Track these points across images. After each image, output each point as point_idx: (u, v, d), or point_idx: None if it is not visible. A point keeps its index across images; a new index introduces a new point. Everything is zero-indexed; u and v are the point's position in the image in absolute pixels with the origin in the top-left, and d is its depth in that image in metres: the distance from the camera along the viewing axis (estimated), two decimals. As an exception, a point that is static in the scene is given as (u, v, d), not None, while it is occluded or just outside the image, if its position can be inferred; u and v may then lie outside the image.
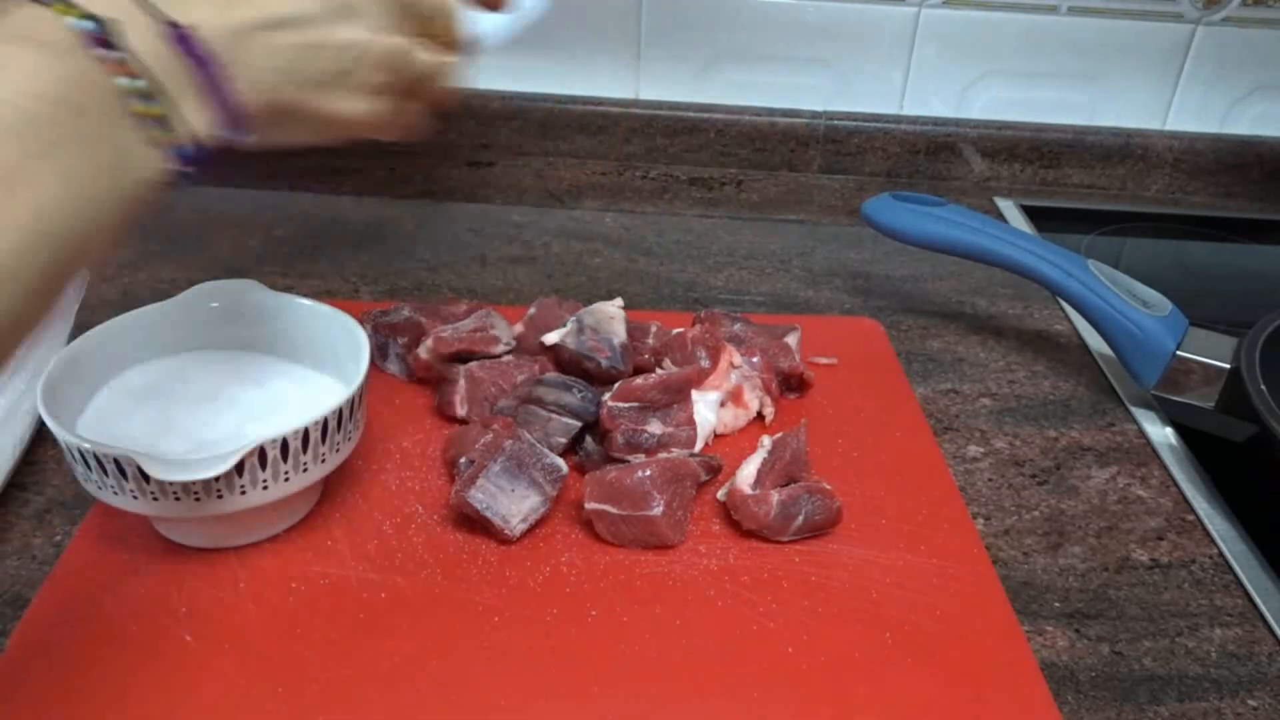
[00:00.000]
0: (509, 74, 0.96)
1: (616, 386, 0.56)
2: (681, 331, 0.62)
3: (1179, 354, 0.63)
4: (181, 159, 0.40)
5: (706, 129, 0.97)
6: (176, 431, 0.49)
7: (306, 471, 0.48)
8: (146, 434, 0.49)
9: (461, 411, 0.59)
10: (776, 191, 0.96)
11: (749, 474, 0.53)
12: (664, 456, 0.54)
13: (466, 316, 0.63)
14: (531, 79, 0.96)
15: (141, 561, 0.49)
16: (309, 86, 0.45)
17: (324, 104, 0.46)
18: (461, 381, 0.59)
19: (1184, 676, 0.48)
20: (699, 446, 0.58)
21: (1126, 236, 0.94)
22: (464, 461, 0.52)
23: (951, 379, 0.69)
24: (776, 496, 0.51)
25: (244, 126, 0.42)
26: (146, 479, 0.44)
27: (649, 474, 0.51)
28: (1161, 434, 0.65)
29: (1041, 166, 1.00)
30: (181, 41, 0.39)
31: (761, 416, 0.62)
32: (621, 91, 0.97)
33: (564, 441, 0.56)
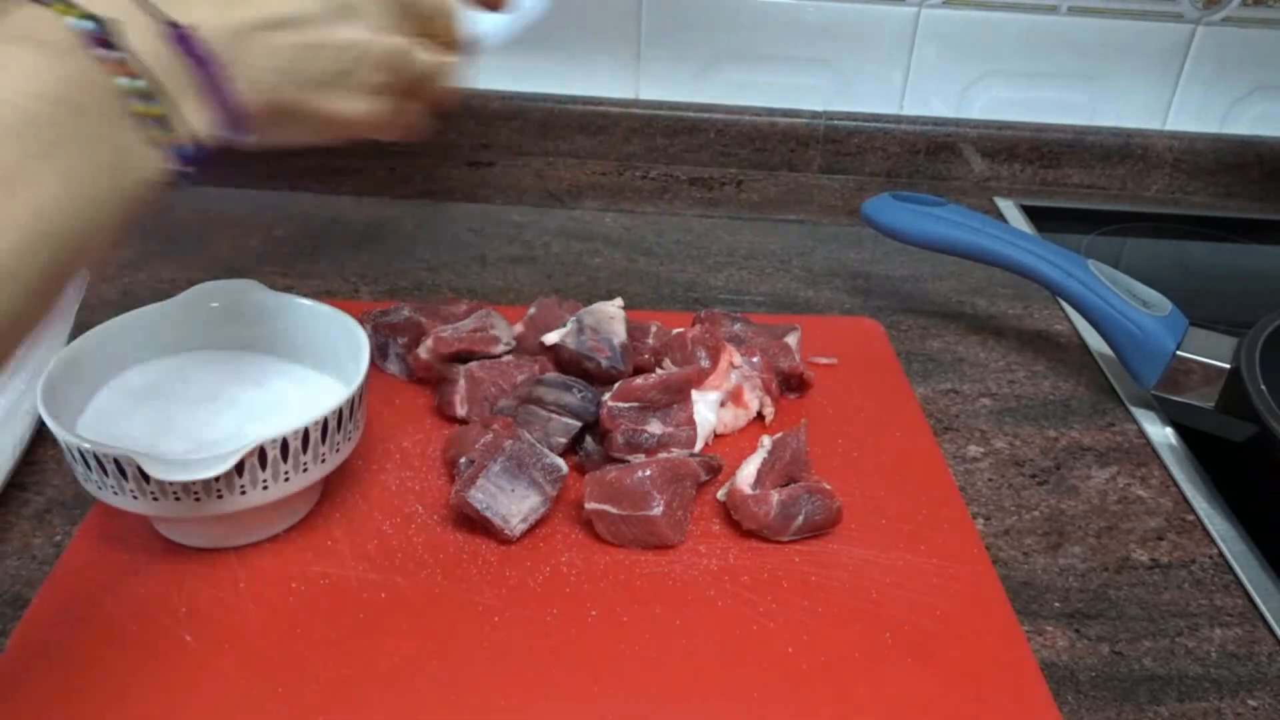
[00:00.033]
0: (509, 74, 0.96)
1: (616, 386, 0.56)
2: (681, 331, 0.62)
3: (1179, 354, 0.63)
4: (181, 159, 0.40)
5: (706, 129, 0.97)
6: (176, 431, 0.49)
7: (306, 471, 0.48)
8: (146, 434, 0.49)
9: (461, 411, 0.59)
10: (776, 191, 0.96)
11: (749, 474, 0.53)
12: (664, 456, 0.54)
13: (466, 316, 0.63)
14: (531, 79, 0.96)
15: (141, 561, 0.49)
16: (309, 86, 0.45)
17: (324, 104, 0.46)
18: (461, 381, 0.59)
19: (1184, 676, 0.48)
20: (699, 446, 0.58)
21: (1126, 236, 0.94)
22: (464, 461, 0.52)
23: (951, 379, 0.69)
24: (776, 496, 0.51)
25: (244, 126, 0.42)
26: (146, 479, 0.44)
27: (649, 474, 0.51)
28: (1161, 434, 0.65)
29: (1041, 166, 1.00)
30: (181, 41, 0.39)
31: (761, 416, 0.62)
32: (621, 91, 0.97)
33: (564, 441, 0.56)
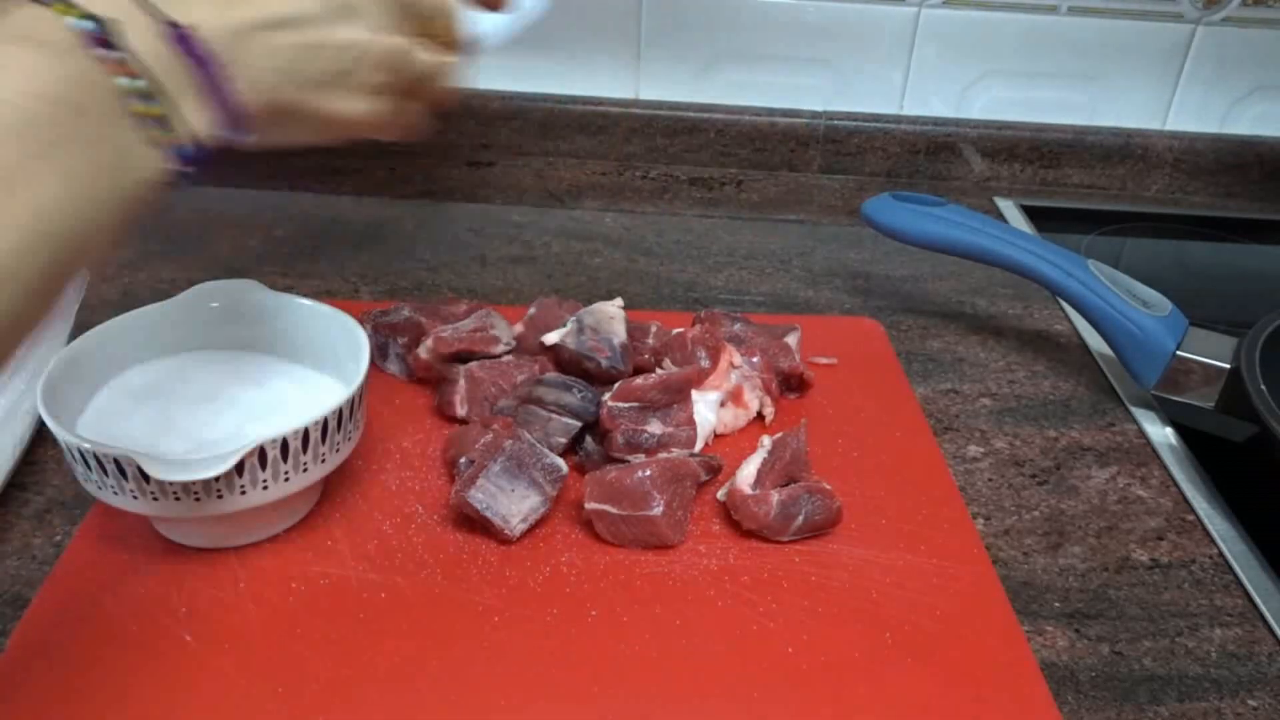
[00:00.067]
0: (509, 74, 0.96)
1: (616, 386, 0.56)
2: (681, 331, 0.62)
3: (1179, 354, 0.63)
4: (181, 159, 0.40)
5: (706, 129, 0.97)
6: (176, 431, 0.49)
7: (306, 471, 0.48)
8: (146, 434, 0.49)
9: (461, 411, 0.59)
10: (776, 191, 0.96)
11: (749, 474, 0.53)
12: (664, 456, 0.54)
13: (466, 316, 0.63)
14: (531, 79, 0.96)
15: (141, 561, 0.49)
16: (309, 86, 0.45)
17: (324, 104, 0.46)
18: (461, 381, 0.59)
19: (1184, 676, 0.48)
20: (699, 446, 0.58)
21: (1126, 236, 0.94)
22: (464, 461, 0.52)
23: (951, 379, 0.69)
24: (776, 496, 0.51)
25: (244, 126, 0.42)
26: (146, 479, 0.44)
27: (649, 474, 0.51)
28: (1161, 434, 0.65)
29: (1041, 166, 1.00)
30: (181, 41, 0.39)
31: (761, 416, 0.62)
32: (621, 91, 0.97)
33: (564, 441, 0.56)
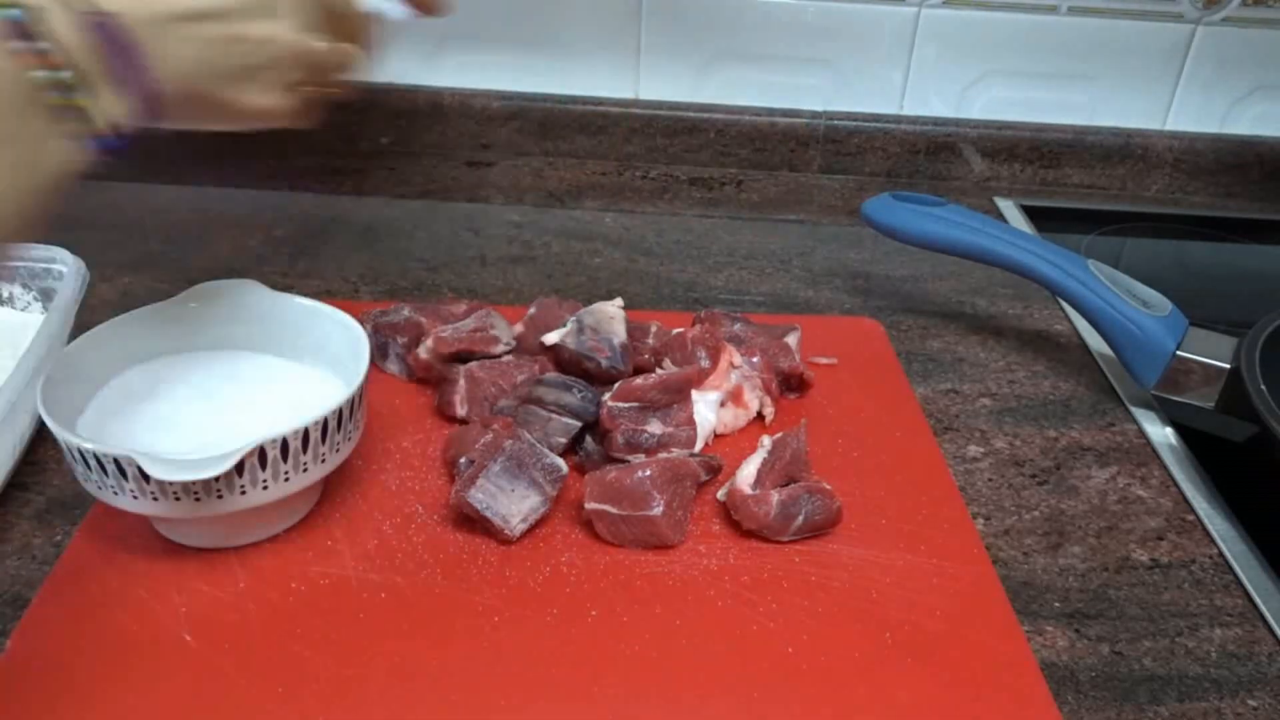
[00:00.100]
0: (509, 74, 0.96)
1: (616, 386, 0.56)
2: (681, 331, 0.62)
3: (1179, 354, 0.63)
4: (98, 148, 0.40)
5: (706, 129, 0.97)
6: (176, 431, 0.49)
7: (306, 471, 0.48)
8: (146, 434, 0.49)
9: (461, 411, 0.59)
10: (776, 191, 0.96)
11: (749, 474, 0.53)
12: (664, 456, 0.54)
13: (466, 316, 0.63)
14: (531, 79, 0.96)
15: (141, 561, 0.49)
16: (225, 78, 0.45)
17: (237, 95, 0.46)
18: (461, 381, 0.59)
19: (1184, 676, 0.48)
20: (699, 446, 0.58)
21: (1126, 236, 0.94)
22: (464, 461, 0.52)
23: (951, 379, 0.69)
24: (776, 496, 0.51)
25: (159, 114, 0.43)
26: (146, 479, 0.44)
27: (649, 474, 0.51)
28: (1161, 434, 0.65)
29: (1041, 166, 1.00)
30: (102, 29, 0.39)
31: (761, 416, 0.62)
32: (621, 91, 0.97)
33: (564, 441, 0.56)
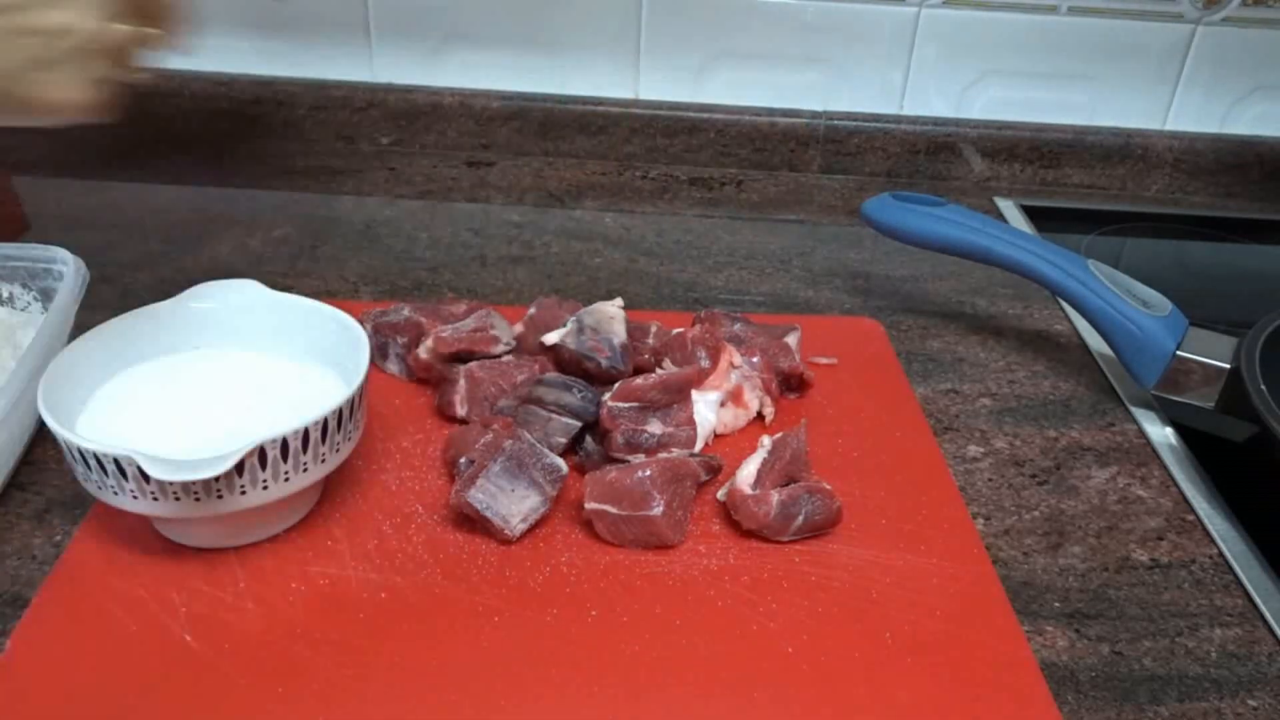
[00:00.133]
0: (509, 74, 0.96)
1: (616, 386, 0.56)
2: (681, 331, 0.62)
3: (1179, 354, 0.63)
4: None
5: (706, 129, 0.97)
6: (176, 431, 0.49)
7: (306, 471, 0.48)
8: (146, 434, 0.49)
9: (461, 411, 0.59)
10: (776, 191, 0.96)
11: (749, 474, 0.53)
12: (664, 456, 0.54)
13: (466, 316, 0.63)
14: (531, 79, 0.96)
15: (141, 561, 0.49)
16: (20, 73, 0.43)
17: (37, 90, 0.44)
18: (461, 381, 0.59)
19: (1184, 676, 0.48)
20: (699, 446, 0.58)
21: (1126, 236, 0.94)
22: (464, 461, 0.52)
23: (951, 379, 0.69)
24: (776, 496, 0.51)
25: None
26: (146, 479, 0.44)
27: (649, 474, 0.51)
28: (1161, 434, 0.65)
29: (1041, 166, 1.00)
30: None
31: (761, 416, 0.62)
32: (621, 91, 0.97)
33: (564, 441, 0.56)
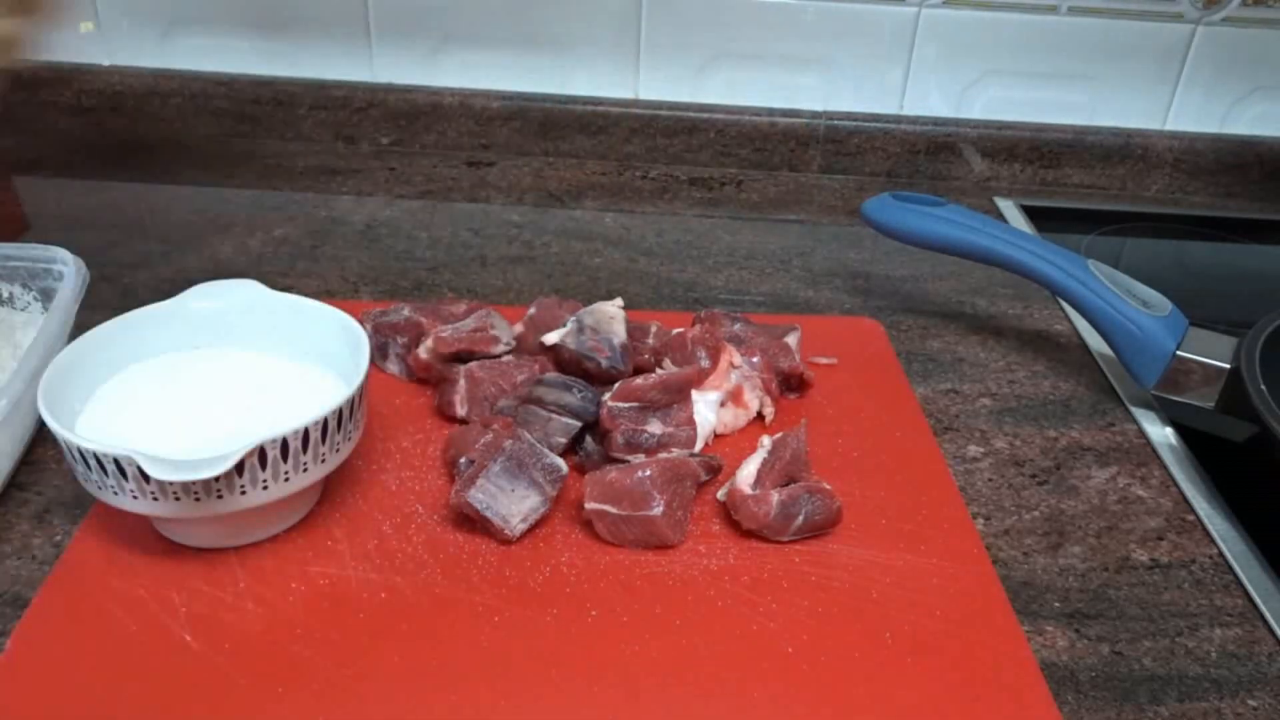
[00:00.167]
0: (509, 74, 0.96)
1: (616, 386, 0.56)
2: (681, 331, 0.62)
3: (1179, 354, 0.63)
4: None
5: (706, 129, 0.97)
6: (176, 431, 0.49)
7: (306, 471, 0.48)
8: (146, 434, 0.49)
9: (461, 411, 0.59)
10: (776, 191, 0.96)
11: (749, 474, 0.53)
12: (664, 456, 0.54)
13: (466, 316, 0.63)
14: (531, 79, 0.96)
15: (141, 561, 0.49)
16: None
17: None
18: (461, 381, 0.59)
19: (1184, 676, 0.48)
20: (699, 446, 0.58)
21: (1126, 236, 0.94)
22: (464, 461, 0.52)
23: (951, 379, 0.69)
24: (776, 496, 0.51)
25: None
26: (146, 479, 0.44)
27: (649, 474, 0.51)
28: (1161, 434, 0.65)
29: (1041, 166, 1.00)
30: None
31: (761, 416, 0.62)
32: (621, 91, 0.97)
33: (564, 441, 0.56)
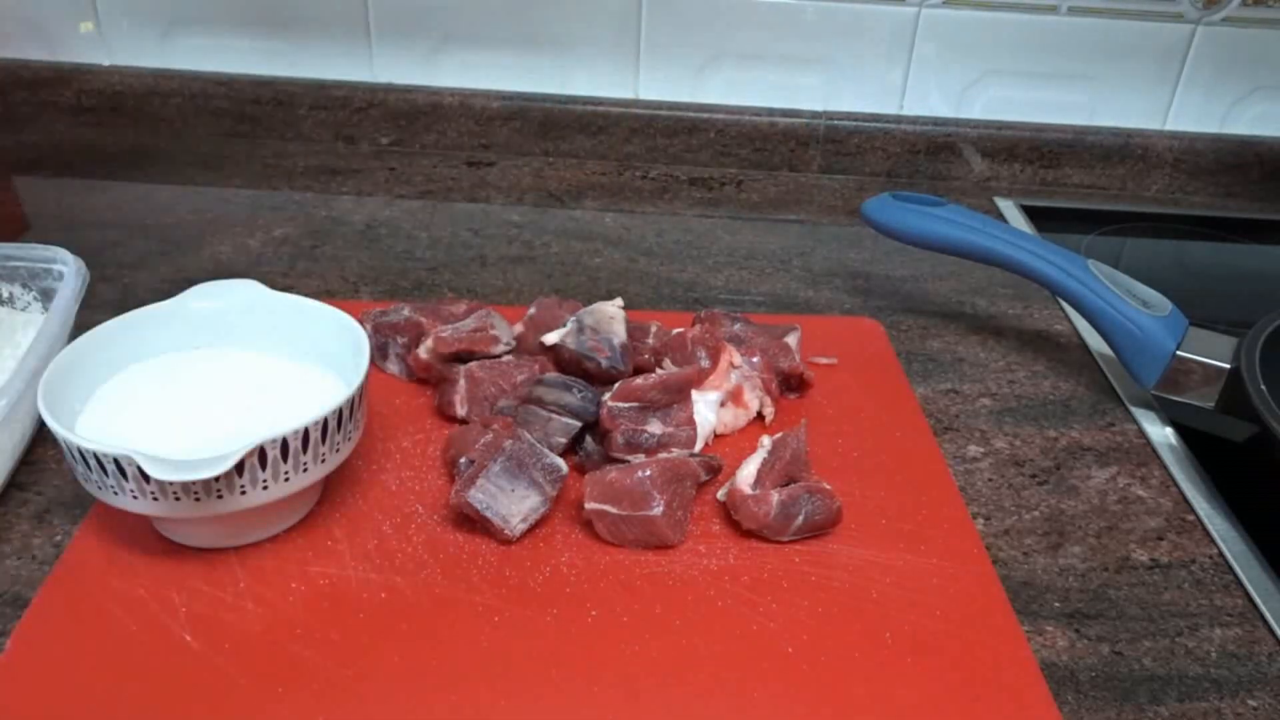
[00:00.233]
0: (509, 74, 0.96)
1: (616, 386, 0.56)
2: (681, 331, 0.62)
3: (1179, 354, 0.63)
4: None
5: (706, 129, 0.97)
6: (176, 431, 0.49)
7: (306, 471, 0.48)
8: (146, 434, 0.49)
9: (461, 411, 0.59)
10: (776, 191, 0.96)
11: (749, 474, 0.53)
12: (664, 456, 0.54)
13: (466, 316, 0.63)
14: (531, 79, 0.96)
15: (141, 561, 0.49)
16: None
17: None
18: (461, 381, 0.59)
19: (1184, 676, 0.48)
20: (699, 446, 0.58)
21: (1126, 236, 0.94)
22: (464, 461, 0.52)
23: (951, 379, 0.69)
24: (776, 496, 0.51)
25: None
26: (146, 479, 0.44)
27: (649, 474, 0.51)
28: (1161, 434, 0.65)
29: (1041, 166, 1.00)
30: None
31: (761, 416, 0.62)
32: (621, 91, 0.97)
33: (564, 441, 0.56)
